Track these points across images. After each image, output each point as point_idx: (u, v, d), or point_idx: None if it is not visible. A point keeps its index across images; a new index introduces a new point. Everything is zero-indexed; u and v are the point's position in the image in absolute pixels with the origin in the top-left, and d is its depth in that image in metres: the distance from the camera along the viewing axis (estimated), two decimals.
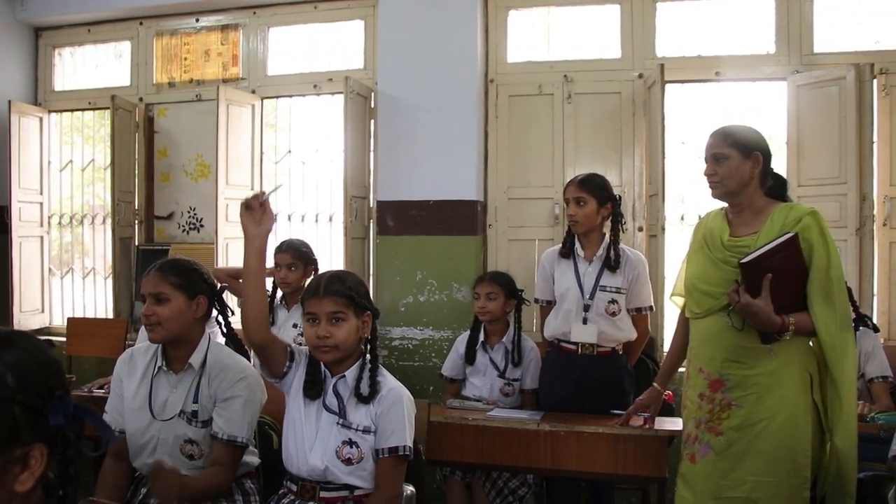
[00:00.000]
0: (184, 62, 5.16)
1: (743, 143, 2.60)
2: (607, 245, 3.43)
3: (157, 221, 5.18)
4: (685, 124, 4.41)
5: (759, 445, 2.53)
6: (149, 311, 2.39)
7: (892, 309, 4.10)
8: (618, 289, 3.41)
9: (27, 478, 1.07)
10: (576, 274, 3.44)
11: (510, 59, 4.55)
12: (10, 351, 1.10)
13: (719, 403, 2.60)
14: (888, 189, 4.06)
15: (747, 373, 2.55)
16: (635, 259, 3.47)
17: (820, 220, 2.51)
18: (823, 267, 2.47)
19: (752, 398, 2.54)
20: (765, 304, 2.43)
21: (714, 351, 2.63)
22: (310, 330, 2.26)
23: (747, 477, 2.53)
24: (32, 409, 1.07)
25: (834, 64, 4.05)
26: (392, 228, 4.36)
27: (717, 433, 2.59)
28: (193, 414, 2.42)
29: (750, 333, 2.53)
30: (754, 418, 2.53)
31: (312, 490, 2.27)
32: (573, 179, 3.43)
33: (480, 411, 3.34)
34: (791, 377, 2.52)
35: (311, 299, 2.27)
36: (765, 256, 2.45)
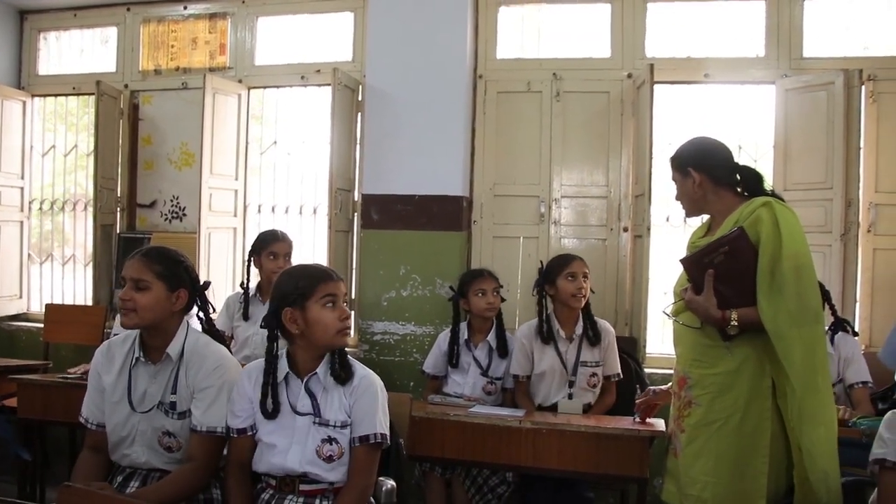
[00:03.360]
0: (170, 50, 5.11)
1: (678, 162, 2.67)
2: (584, 321, 3.58)
3: (140, 209, 5.13)
4: (673, 125, 4.39)
5: (711, 445, 2.52)
6: (127, 295, 2.33)
7: (873, 315, 4.11)
8: (597, 362, 3.59)
9: None
10: (557, 353, 3.57)
11: (499, 56, 4.53)
12: None
13: (683, 401, 2.63)
14: (873, 195, 4.07)
15: (706, 372, 2.55)
16: (606, 328, 3.64)
17: (775, 211, 2.44)
18: (772, 257, 2.40)
19: (708, 397, 2.53)
20: (705, 300, 2.44)
21: (682, 350, 2.67)
22: (331, 313, 2.25)
23: (700, 476, 2.53)
24: None
25: (823, 69, 4.05)
26: (376, 222, 4.32)
27: (682, 430, 2.63)
28: (171, 405, 2.37)
29: (710, 332, 2.52)
30: (710, 418, 2.53)
31: (292, 484, 2.25)
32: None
33: (462, 407, 3.31)
34: (749, 379, 2.48)
35: (332, 282, 2.28)
36: (703, 253, 2.47)
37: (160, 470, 2.37)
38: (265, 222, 4.88)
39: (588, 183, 4.40)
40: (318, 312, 2.25)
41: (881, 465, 2.43)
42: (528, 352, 3.60)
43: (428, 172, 4.28)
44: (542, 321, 3.59)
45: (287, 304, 2.25)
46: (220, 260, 4.65)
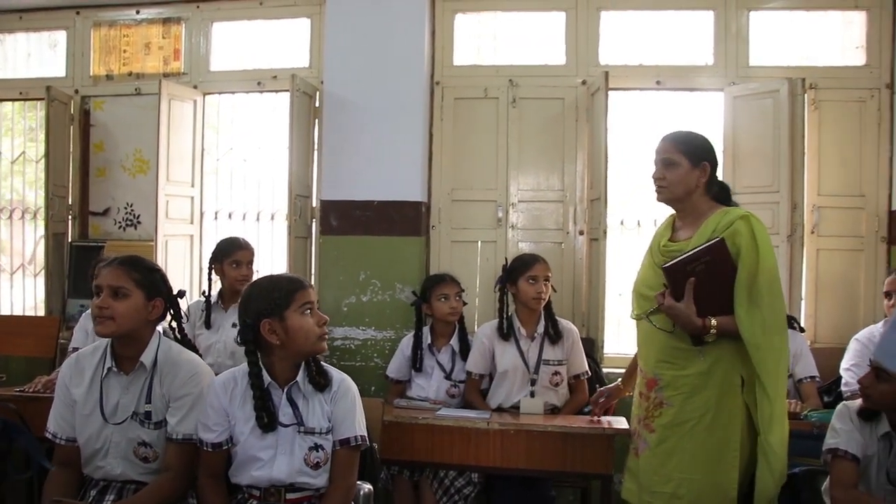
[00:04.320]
0: (123, 55, 5.04)
1: (694, 151, 2.68)
2: (545, 321, 3.63)
3: (92, 217, 5.04)
4: (626, 131, 4.51)
5: (685, 444, 2.61)
6: (105, 303, 2.31)
7: (818, 313, 4.28)
8: (559, 361, 3.63)
9: None
10: (519, 351, 3.62)
11: (456, 62, 4.59)
12: None
13: (653, 402, 2.69)
14: (816, 198, 4.26)
15: (678, 373, 2.63)
16: (570, 329, 3.70)
17: (753, 225, 2.57)
18: (751, 270, 2.53)
19: (681, 397, 2.62)
20: (686, 307, 2.52)
21: (649, 351, 2.73)
22: (310, 320, 2.27)
23: (674, 473, 2.62)
24: None
25: (768, 77, 4.21)
26: (336, 228, 4.34)
27: (651, 430, 2.69)
28: (146, 415, 2.36)
29: (681, 335, 2.61)
30: (683, 417, 2.62)
31: (278, 493, 2.26)
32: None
33: (429, 411, 3.36)
34: (720, 379, 2.60)
35: (306, 289, 2.30)
36: (687, 261, 2.54)
37: (136, 481, 2.36)
38: (222, 229, 4.84)
39: (544, 187, 4.49)
40: (297, 321, 2.26)
41: (833, 454, 2.58)
42: (487, 351, 3.66)
43: (386, 178, 4.31)
44: (503, 320, 3.65)
45: (265, 316, 2.24)
46: (177, 268, 4.60)
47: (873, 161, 4.25)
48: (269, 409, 2.26)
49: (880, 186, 4.25)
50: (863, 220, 4.26)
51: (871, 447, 2.56)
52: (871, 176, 4.25)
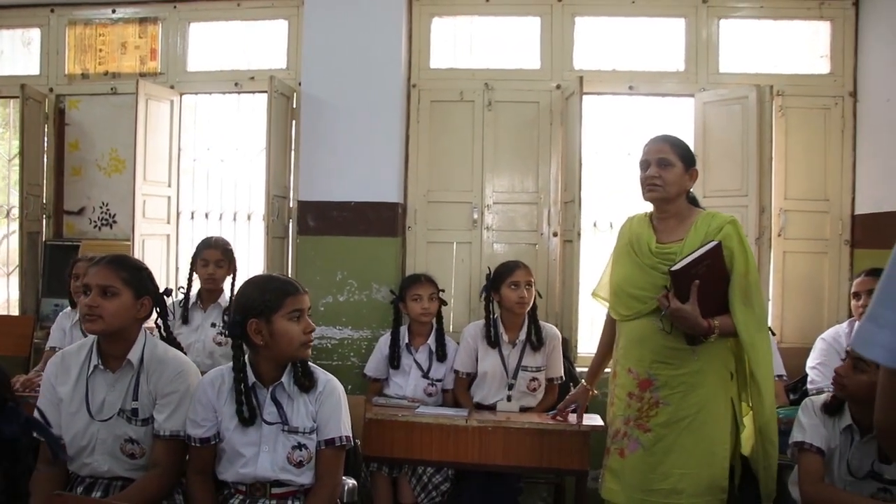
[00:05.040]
0: (99, 53, 5.03)
1: (687, 155, 2.80)
2: (528, 327, 3.69)
3: (67, 216, 5.02)
4: (600, 134, 4.59)
5: (683, 440, 2.71)
6: (94, 302, 2.33)
7: (784, 313, 4.40)
8: (538, 367, 3.71)
9: None
10: (500, 356, 3.68)
11: (433, 65, 4.64)
12: None
13: (648, 402, 2.77)
14: (783, 202, 4.37)
15: (674, 373, 2.72)
16: (552, 333, 3.76)
17: (739, 229, 2.71)
18: (743, 272, 2.66)
19: (678, 396, 2.72)
20: (692, 309, 2.60)
21: (643, 352, 2.79)
22: (297, 326, 2.29)
23: (673, 470, 2.71)
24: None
25: (737, 84, 4.32)
26: (313, 228, 4.37)
27: (646, 430, 2.76)
28: (133, 412, 2.39)
29: (676, 335, 2.70)
30: (680, 415, 2.71)
31: (263, 489, 2.30)
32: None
33: (408, 408, 3.42)
34: (713, 375, 2.72)
35: (301, 295, 2.32)
36: (692, 264, 2.62)
37: (122, 478, 2.38)
38: (199, 229, 4.86)
39: (519, 189, 4.56)
40: (283, 325, 2.28)
41: (800, 448, 2.69)
42: (472, 350, 3.73)
43: (363, 179, 4.35)
44: (489, 325, 3.71)
45: (252, 316, 2.28)
46: (154, 267, 4.47)
47: (837, 166, 4.38)
48: (250, 404, 2.30)
49: (844, 191, 4.38)
50: (827, 224, 4.39)
51: (834, 440, 2.68)
52: (835, 181, 4.39)
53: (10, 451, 1.07)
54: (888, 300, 0.91)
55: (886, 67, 4.13)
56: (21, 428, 1.06)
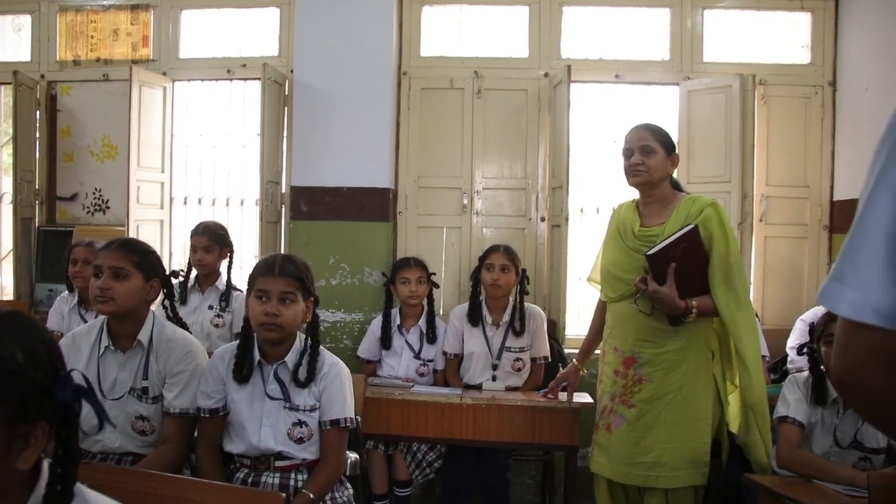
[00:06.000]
0: (90, 40, 5.06)
1: (667, 142, 2.91)
2: (512, 311, 3.77)
3: (60, 202, 5.06)
4: (586, 122, 4.69)
5: (665, 416, 2.82)
6: (106, 284, 2.40)
7: (765, 296, 4.54)
8: (521, 348, 3.80)
9: (29, 455, 1.09)
10: (484, 337, 3.78)
11: (423, 53, 4.72)
12: (16, 329, 1.11)
13: (632, 379, 2.88)
14: (765, 189, 4.50)
15: (657, 351, 2.84)
16: (536, 314, 3.84)
17: (719, 211, 2.81)
18: (723, 253, 2.77)
19: (660, 373, 2.83)
20: (670, 291, 2.71)
21: (627, 331, 2.91)
22: (258, 307, 2.35)
23: (655, 444, 2.83)
24: (40, 386, 1.09)
25: (721, 73, 4.43)
26: (305, 214, 4.44)
27: (630, 405, 2.88)
28: (144, 390, 2.46)
29: (659, 316, 2.81)
30: (662, 391, 2.83)
31: (267, 462, 2.38)
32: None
33: (403, 388, 3.51)
34: (694, 354, 2.84)
35: (264, 276, 2.36)
36: (668, 248, 2.72)
37: (133, 454, 2.45)
38: (192, 214, 4.92)
39: (507, 175, 4.66)
40: (252, 303, 2.39)
41: (782, 421, 2.82)
42: (458, 332, 3.82)
43: (355, 165, 4.42)
44: (473, 306, 3.81)
45: (248, 292, 2.41)
46: None
47: (817, 154, 4.51)
48: (249, 361, 2.41)
49: (823, 178, 4.52)
50: (807, 210, 4.53)
51: (815, 415, 2.81)
52: (815, 168, 4.52)
53: (63, 416, 1.12)
54: (852, 261, 1.00)
55: (865, 57, 4.26)
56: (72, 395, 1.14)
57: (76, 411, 1.14)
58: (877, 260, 0.98)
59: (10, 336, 1.09)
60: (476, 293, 3.83)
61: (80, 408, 1.15)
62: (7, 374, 1.06)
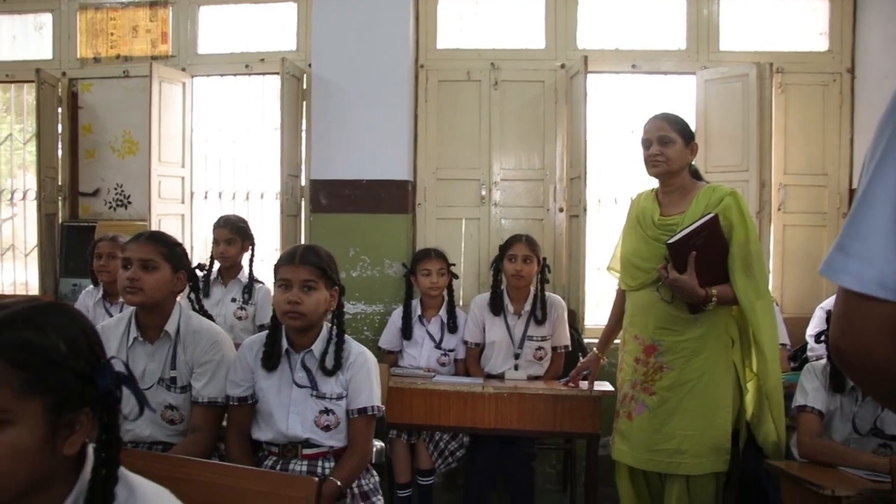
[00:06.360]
0: (110, 37, 5.11)
1: (686, 132, 2.93)
2: (534, 300, 3.80)
3: (82, 198, 5.13)
4: (603, 112, 4.70)
5: (686, 403, 2.85)
6: (136, 275, 2.46)
7: (784, 285, 4.54)
8: (543, 337, 3.83)
9: (75, 441, 1.14)
10: (506, 326, 3.81)
11: (440, 46, 4.74)
12: (57, 319, 1.15)
13: (652, 366, 2.91)
14: (783, 177, 4.50)
15: (677, 338, 2.86)
16: (557, 303, 3.87)
17: (739, 200, 2.83)
18: (742, 242, 2.79)
19: (681, 361, 2.85)
20: (690, 279, 2.73)
21: (647, 320, 2.93)
22: (281, 295, 2.39)
23: (676, 431, 2.85)
24: (82, 374, 1.13)
25: (738, 62, 4.43)
26: (325, 206, 4.48)
27: (651, 393, 2.90)
28: (172, 380, 2.52)
29: (679, 304, 2.84)
30: (683, 379, 2.85)
31: (294, 450, 2.42)
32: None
33: (425, 378, 3.55)
34: (714, 341, 2.86)
35: (286, 266, 2.40)
36: (689, 236, 2.74)
37: (163, 442, 2.51)
38: (212, 209, 4.97)
39: (525, 166, 4.68)
40: (276, 292, 2.44)
41: (801, 410, 2.83)
42: (479, 321, 3.86)
43: (374, 158, 4.45)
44: (495, 295, 3.84)
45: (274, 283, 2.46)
46: None
47: (835, 142, 4.50)
48: (277, 350, 2.45)
49: (841, 166, 4.51)
50: (825, 198, 4.52)
51: (834, 402, 2.82)
52: (833, 156, 4.51)
53: (105, 403, 1.16)
54: (857, 233, 1.01)
55: (884, 44, 4.25)
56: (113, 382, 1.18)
57: (117, 398, 1.18)
58: (882, 232, 0.98)
59: (52, 326, 1.13)
60: (497, 282, 3.86)
61: (121, 394, 1.19)
62: (50, 365, 1.10)
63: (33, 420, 1.08)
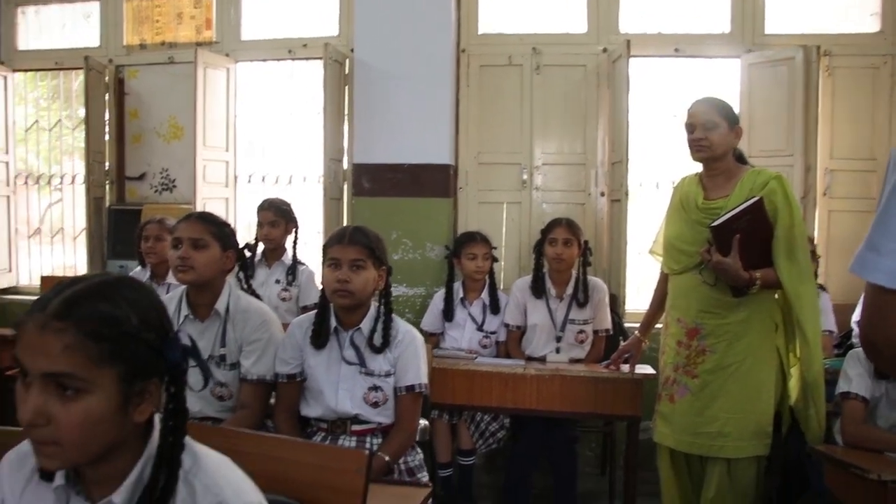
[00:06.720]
0: (155, 24, 5.19)
1: (730, 115, 2.89)
2: (576, 283, 3.80)
3: (129, 182, 5.23)
4: (646, 96, 4.68)
5: (729, 386, 2.83)
6: (186, 253, 2.51)
7: (829, 271, 4.47)
8: (585, 320, 3.83)
9: (145, 409, 1.19)
10: (548, 309, 3.81)
11: (481, 31, 4.74)
12: (129, 293, 1.19)
13: (695, 349, 2.89)
14: (829, 162, 4.43)
15: (720, 322, 2.85)
16: (598, 286, 3.88)
17: (784, 184, 2.80)
18: (787, 226, 2.76)
19: (723, 344, 2.84)
20: (734, 262, 2.71)
21: (690, 303, 2.92)
22: (331, 274, 2.43)
23: (719, 414, 2.84)
24: (152, 346, 1.18)
25: (783, 45, 4.36)
26: (368, 190, 4.51)
27: (693, 376, 2.89)
28: (222, 357, 2.57)
29: (722, 287, 2.82)
30: (726, 362, 2.84)
31: (343, 426, 2.47)
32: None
33: (467, 359, 3.58)
34: (758, 325, 2.84)
35: (335, 245, 2.44)
36: (732, 219, 2.72)
37: (211, 418, 2.56)
38: (255, 192, 5.04)
39: (567, 151, 4.67)
40: (325, 271, 2.48)
41: (845, 397, 2.81)
42: (520, 304, 3.87)
43: (415, 142, 4.47)
44: (537, 278, 3.85)
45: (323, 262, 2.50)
46: None
47: (884, 125, 4.42)
48: (326, 328, 2.49)
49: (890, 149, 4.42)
50: (873, 183, 4.43)
51: (879, 389, 2.80)
52: (881, 139, 4.42)
53: (173, 374, 1.22)
54: (887, 230, 1.01)
55: None
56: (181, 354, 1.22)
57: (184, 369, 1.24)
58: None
59: (125, 300, 1.17)
60: (539, 265, 3.87)
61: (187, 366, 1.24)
62: (124, 336, 1.15)
63: (108, 388, 1.13)
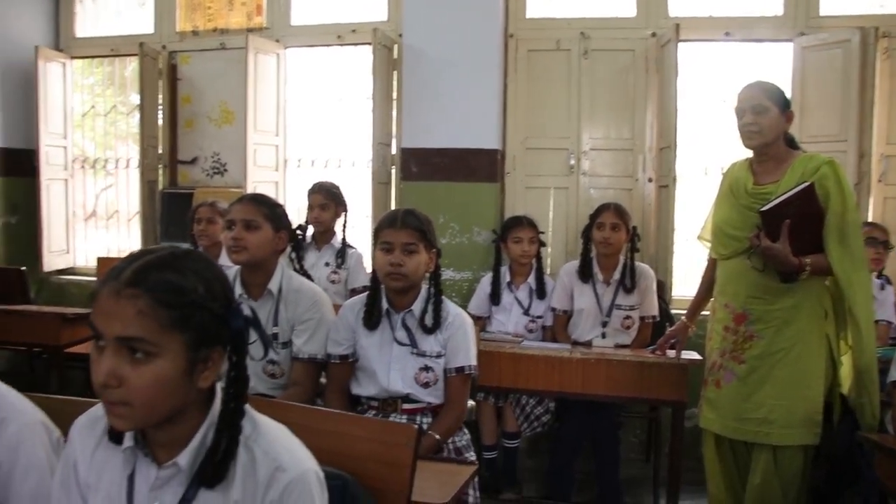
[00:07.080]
0: (207, 11, 5.29)
1: (781, 99, 2.85)
2: (623, 268, 3.81)
3: (181, 166, 5.34)
4: (695, 81, 4.63)
5: (777, 373, 2.81)
6: (239, 235, 2.58)
7: None
8: (631, 306, 3.84)
9: (209, 375, 1.25)
10: (594, 294, 3.83)
11: (529, 15, 4.73)
12: (196, 265, 1.25)
13: (742, 335, 2.88)
14: (885, 147, 4.33)
15: (768, 307, 2.82)
16: (645, 273, 3.87)
17: (837, 169, 2.75)
18: (839, 212, 2.72)
19: (771, 330, 2.82)
20: (783, 248, 2.68)
21: (738, 288, 2.90)
22: (383, 258, 2.46)
23: (766, 400, 2.82)
24: (217, 315, 1.23)
25: (838, 27, 4.27)
26: (416, 174, 4.55)
27: (741, 361, 2.88)
28: (274, 336, 2.64)
29: (770, 273, 2.79)
30: (773, 348, 2.81)
31: (394, 404, 2.52)
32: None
33: (513, 342, 3.61)
34: (807, 312, 2.81)
35: (387, 229, 2.48)
36: (782, 204, 2.70)
37: (263, 394, 2.62)
38: (304, 176, 5.11)
39: (614, 136, 4.65)
40: (377, 254, 2.51)
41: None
42: (567, 288, 3.89)
43: (463, 127, 4.49)
44: (584, 263, 3.86)
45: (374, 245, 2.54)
46: None
47: None
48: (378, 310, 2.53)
49: None
50: None
51: None
52: None
53: (235, 342, 1.27)
54: None
55: None
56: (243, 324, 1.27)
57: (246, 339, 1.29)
58: None
59: (192, 270, 1.23)
60: (587, 250, 3.88)
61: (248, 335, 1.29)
62: (191, 304, 1.21)
63: (175, 354, 1.19)
